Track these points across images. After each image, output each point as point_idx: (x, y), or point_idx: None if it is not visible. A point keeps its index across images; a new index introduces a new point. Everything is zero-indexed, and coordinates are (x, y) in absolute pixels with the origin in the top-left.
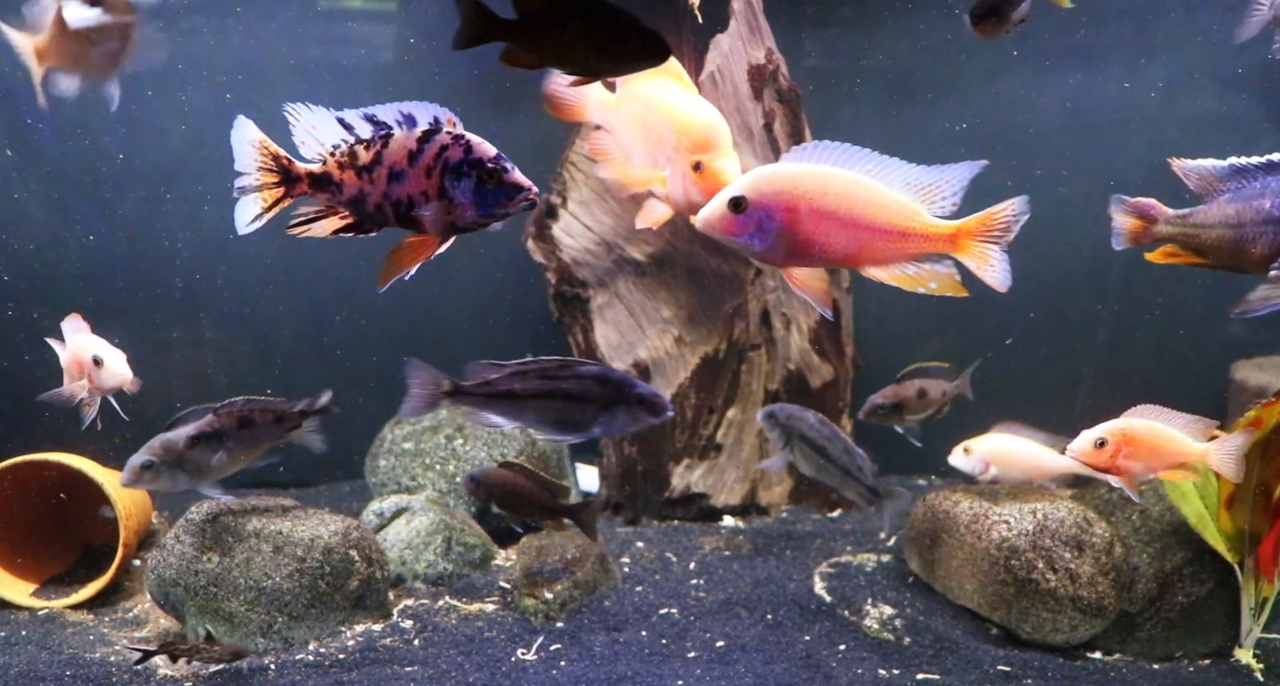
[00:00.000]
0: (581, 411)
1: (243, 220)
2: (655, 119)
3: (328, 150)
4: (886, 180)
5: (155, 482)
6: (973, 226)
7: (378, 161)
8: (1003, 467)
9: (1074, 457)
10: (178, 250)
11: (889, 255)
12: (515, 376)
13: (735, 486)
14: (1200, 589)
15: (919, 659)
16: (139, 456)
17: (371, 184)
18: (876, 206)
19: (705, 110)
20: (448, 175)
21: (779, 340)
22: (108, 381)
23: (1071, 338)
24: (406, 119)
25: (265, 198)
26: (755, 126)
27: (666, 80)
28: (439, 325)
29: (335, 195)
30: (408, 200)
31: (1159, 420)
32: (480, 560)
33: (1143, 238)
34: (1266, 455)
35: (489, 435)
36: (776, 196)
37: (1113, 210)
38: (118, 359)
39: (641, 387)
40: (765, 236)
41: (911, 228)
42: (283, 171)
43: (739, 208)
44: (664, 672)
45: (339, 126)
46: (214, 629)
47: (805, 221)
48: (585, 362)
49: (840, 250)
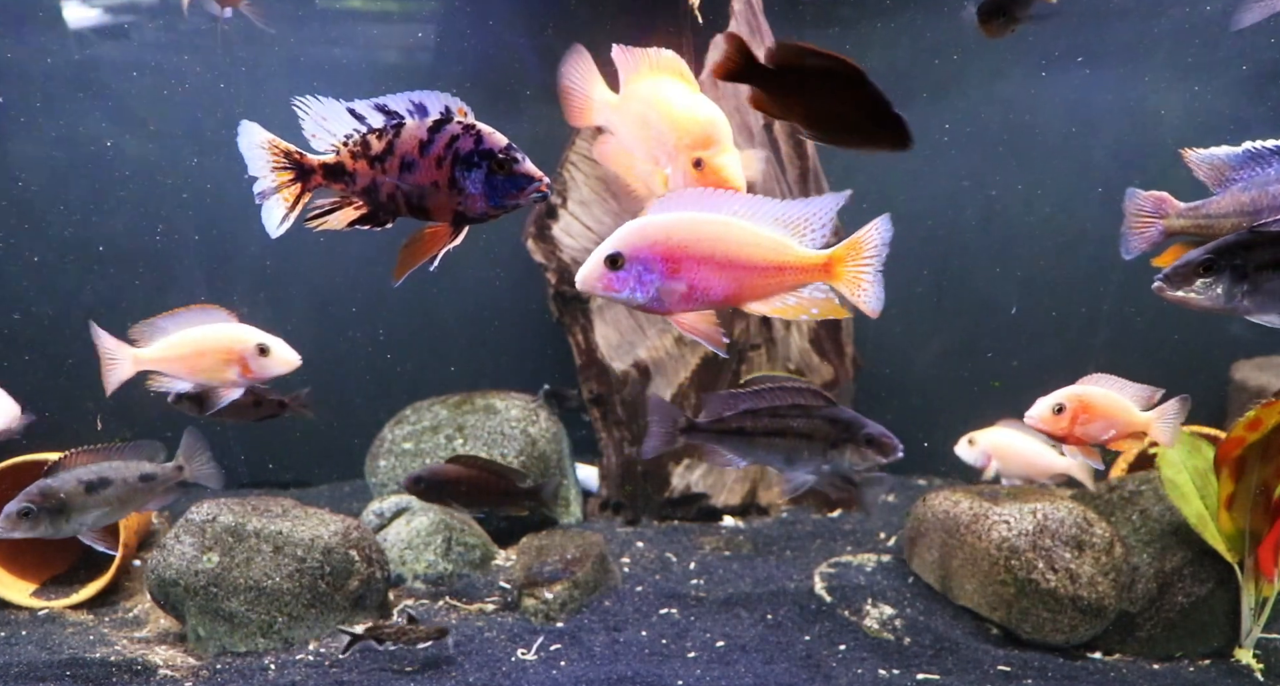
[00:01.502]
0: (810, 449)
1: (272, 223)
2: (656, 117)
3: (340, 140)
4: (757, 219)
5: (35, 530)
6: (843, 253)
7: (390, 151)
8: (1004, 461)
9: (1031, 424)
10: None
11: (769, 290)
12: (747, 414)
13: (735, 486)
14: (1200, 589)
15: (919, 659)
16: (14, 504)
17: (384, 173)
18: (750, 246)
19: (705, 107)
20: (458, 165)
21: (779, 340)
22: (275, 369)
23: (1071, 338)
24: (418, 108)
25: (286, 196)
26: (755, 126)
27: (668, 78)
28: (439, 325)
29: (349, 185)
30: (419, 190)
31: (1110, 388)
32: (480, 560)
33: (1154, 237)
34: (1266, 455)
35: (489, 435)
36: (652, 248)
37: (1128, 204)
38: (283, 346)
39: (871, 428)
40: (646, 289)
41: (787, 261)
42: (296, 166)
43: (616, 264)
44: (664, 672)
45: (350, 117)
46: (214, 628)
47: (684, 269)
48: (818, 404)
49: (722, 292)
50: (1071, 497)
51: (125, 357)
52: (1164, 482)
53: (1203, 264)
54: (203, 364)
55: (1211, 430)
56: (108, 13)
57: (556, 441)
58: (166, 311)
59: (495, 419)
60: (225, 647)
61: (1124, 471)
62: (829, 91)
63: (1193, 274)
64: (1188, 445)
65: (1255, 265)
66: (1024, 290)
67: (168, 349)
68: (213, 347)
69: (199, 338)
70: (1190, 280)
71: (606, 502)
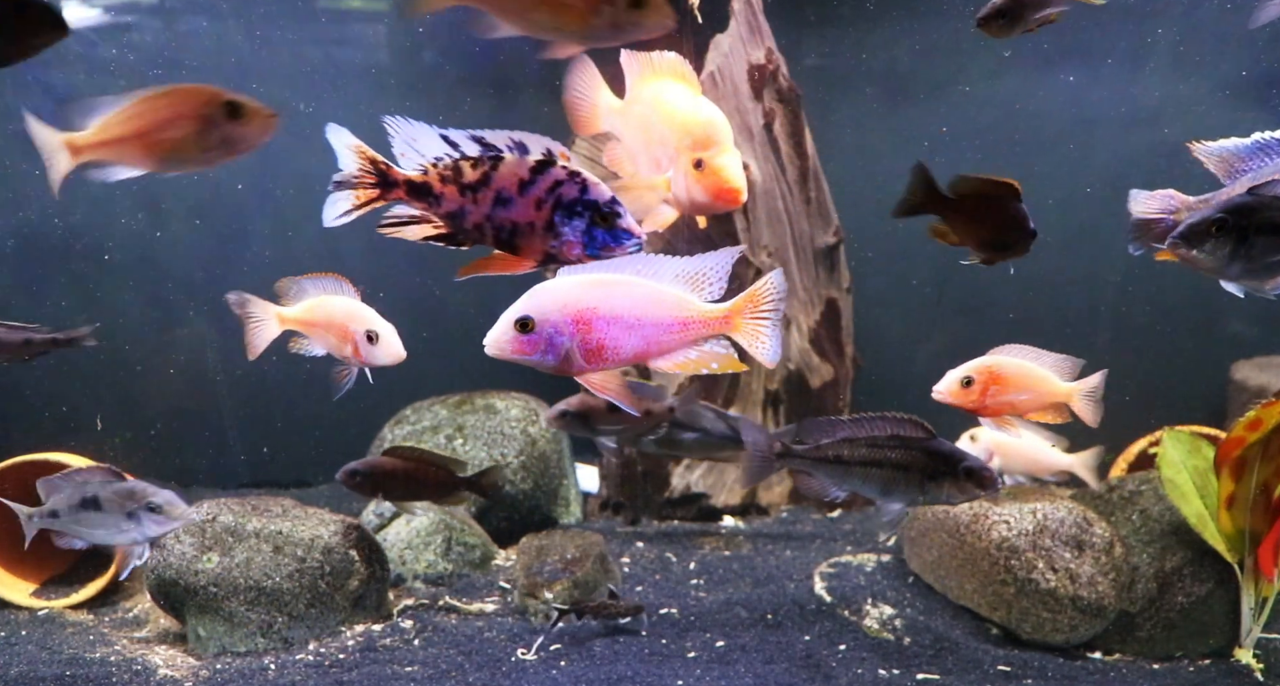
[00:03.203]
0: (906, 481)
1: (331, 214)
2: (658, 120)
3: (429, 162)
4: (658, 276)
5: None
6: (742, 306)
7: (485, 182)
8: (1006, 459)
9: (939, 398)
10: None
11: (674, 345)
12: (844, 443)
13: (735, 486)
14: (1200, 589)
15: (919, 659)
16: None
17: (475, 203)
18: (655, 303)
19: (705, 108)
20: (559, 211)
21: None
22: (379, 359)
23: (1072, 337)
24: (518, 146)
25: (358, 196)
26: (755, 126)
27: (670, 81)
28: (439, 325)
29: (432, 206)
30: (511, 226)
31: (1026, 359)
32: (480, 560)
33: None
34: (1266, 455)
35: (489, 435)
36: (561, 311)
37: (1133, 205)
38: (392, 335)
39: (971, 461)
40: (557, 351)
41: (690, 316)
42: (380, 175)
43: (526, 328)
44: (664, 673)
45: (442, 142)
46: (214, 628)
47: (593, 330)
48: (917, 434)
49: (630, 350)
50: (1071, 497)
51: (270, 317)
52: (1164, 482)
53: (1215, 223)
54: (329, 336)
55: (1211, 430)
56: (108, 12)
57: (556, 441)
58: (307, 274)
59: (495, 419)
60: (225, 647)
61: (1124, 471)
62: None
63: (1206, 233)
64: (1188, 445)
65: (1255, 227)
66: (1024, 290)
67: (306, 312)
68: (339, 322)
69: (332, 308)
70: (1204, 239)
71: (606, 502)
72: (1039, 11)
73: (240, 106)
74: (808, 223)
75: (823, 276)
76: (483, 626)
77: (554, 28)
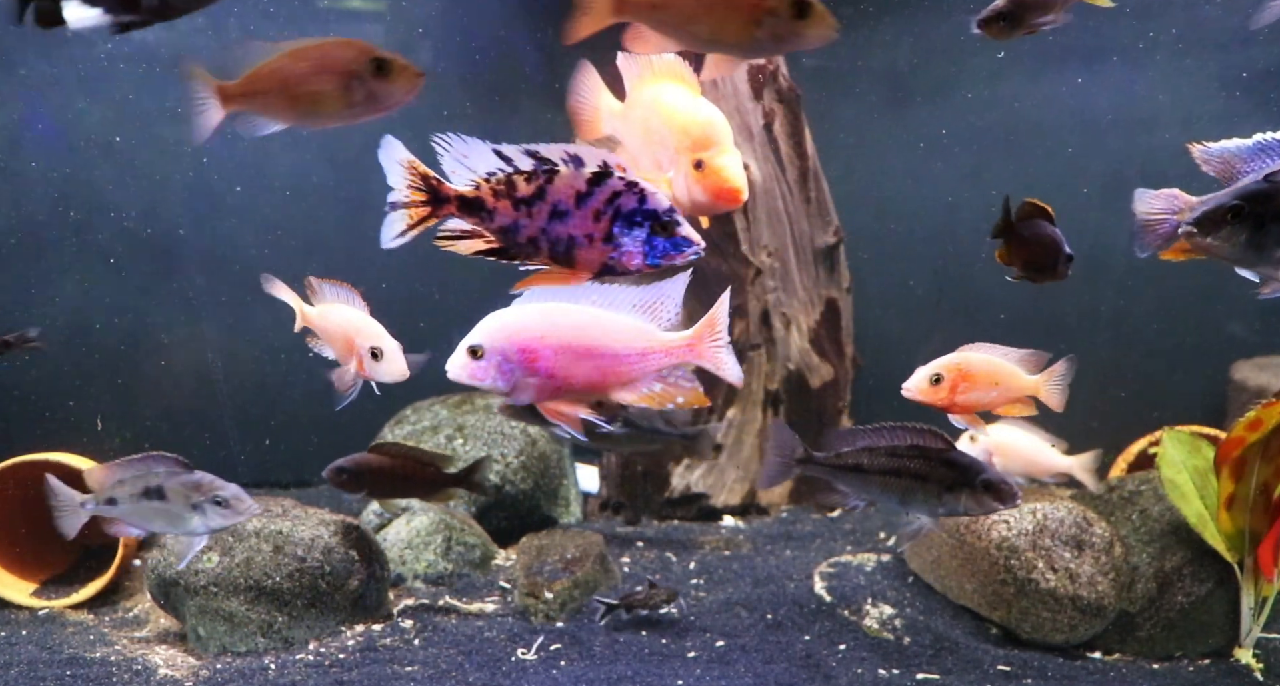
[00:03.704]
0: (925, 491)
1: (388, 235)
2: (658, 121)
3: (481, 177)
4: (614, 306)
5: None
6: (703, 331)
7: (540, 196)
8: (1005, 459)
9: (908, 395)
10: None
11: (634, 375)
12: (864, 451)
13: (735, 486)
14: (1200, 589)
15: (919, 659)
16: None
17: (529, 217)
18: (609, 333)
19: (704, 108)
20: (619, 222)
21: (779, 340)
22: (381, 375)
23: (1071, 337)
24: (573, 159)
25: (411, 215)
26: (755, 126)
27: (670, 83)
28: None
29: (485, 221)
30: (569, 239)
31: (992, 354)
32: (480, 560)
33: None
34: (1266, 455)
35: (489, 435)
36: (510, 340)
37: (1138, 204)
38: (397, 353)
39: (990, 473)
40: (507, 379)
41: (649, 346)
42: (431, 191)
43: (476, 355)
44: (664, 672)
45: (495, 157)
46: (214, 628)
47: (543, 359)
48: (938, 445)
49: (585, 379)
50: (1071, 497)
51: (297, 310)
52: (1164, 482)
53: (1231, 210)
54: (337, 344)
55: (1211, 430)
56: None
57: (557, 441)
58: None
59: (495, 418)
60: (225, 647)
61: (1124, 471)
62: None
63: (1221, 220)
64: (1188, 445)
65: (1272, 214)
66: (1024, 289)
67: (321, 317)
68: (345, 333)
69: (342, 318)
70: (1219, 226)
71: (606, 502)
72: (1040, 14)
73: (387, 63)
74: (808, 223)
75: (823, 276)
76: (483, 626)
77: (714, 40)
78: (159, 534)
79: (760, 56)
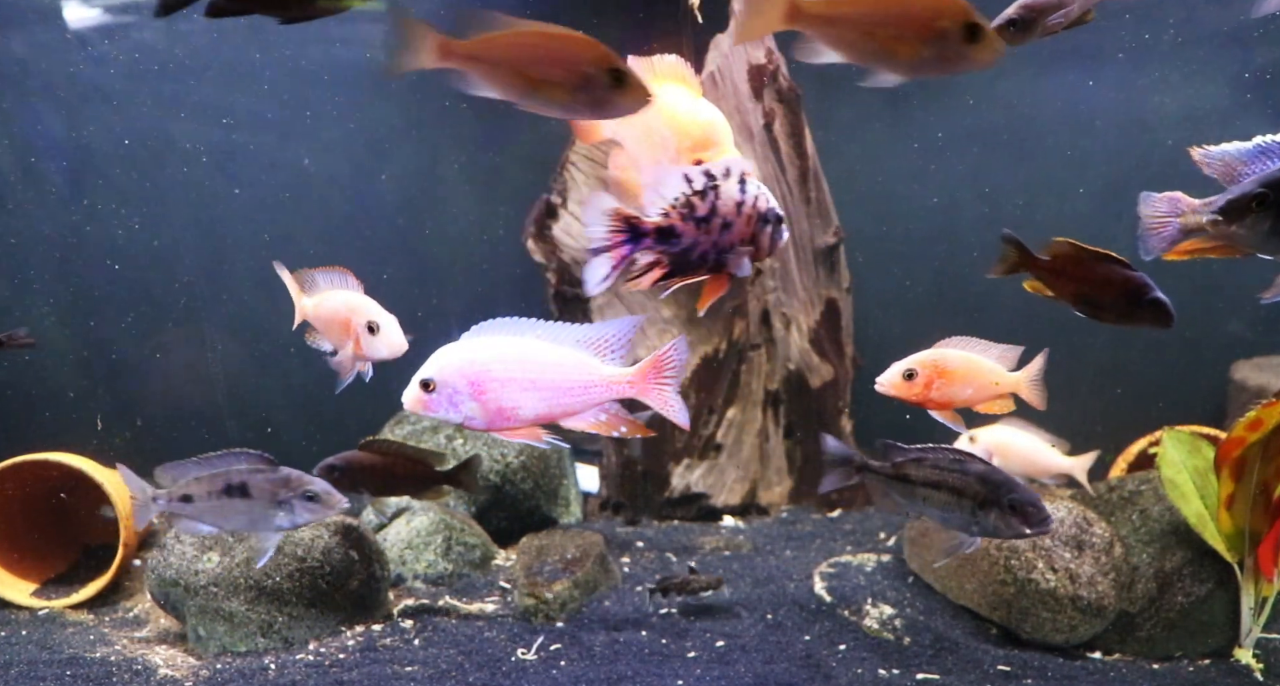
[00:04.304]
0: (960, 506)
1: (594, 280)
2: (658, 123)
3: (669, 204)
4: (559, 341)
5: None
6: (647, 370)
7: (713, 212)
8: (1005, 460)
9: (882, 390)
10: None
11: (579, 407)
12: (913, 462)
13: (735, 486)
14: (1200, 589)
15: (919, 659)
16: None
17: (707, 233)
18: (555, 366)
19: (705, 110)
20: (758, 222)
21: (779, 340)
22: (379, 352)
23: (1072, 337)
24: (725, 172)
25: (613, 257)
26: (755, 126)
27: (670, 84)
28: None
29: (673, 246)
30: (729, 247)
31: (970, 350)
32: (480, 560)
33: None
34: (1266, 455)
35: (488, 435)
36: (459, 373)
37: (1143, 207)
38: (393, 326)
39: (1021, 494)
40: (458, 409)
41: (592, 380)
42: (630, 229)
43: (429, 388)
44: (664, 672)
45: (681, 180)
46: (214, 628)
47: (491, 391)
48: (979, 464)
49: (533, 410)
50: (1071, 497)
51: (298, 303)
52: (1164, 482)
53: (1256, 197)
54: (333, 329)
55: (1211, 430)
56: (107, 12)
57: None
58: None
59: None
60: (225, 647)
61: (1124, 471)
62: (1097, 281)
63: (1246, 208)
64: (1188, 445)
65: None
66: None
67: (317, 306)
68: (341, 315)
69: (336, 301)
70: (1244, 214)
71: (606, 502)
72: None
73: (624, 76)
74: (808, 223)
75: (823, 276)
76: (483, 626)
77: (882, 57)
78: (238, 532)
79: (923, 76)
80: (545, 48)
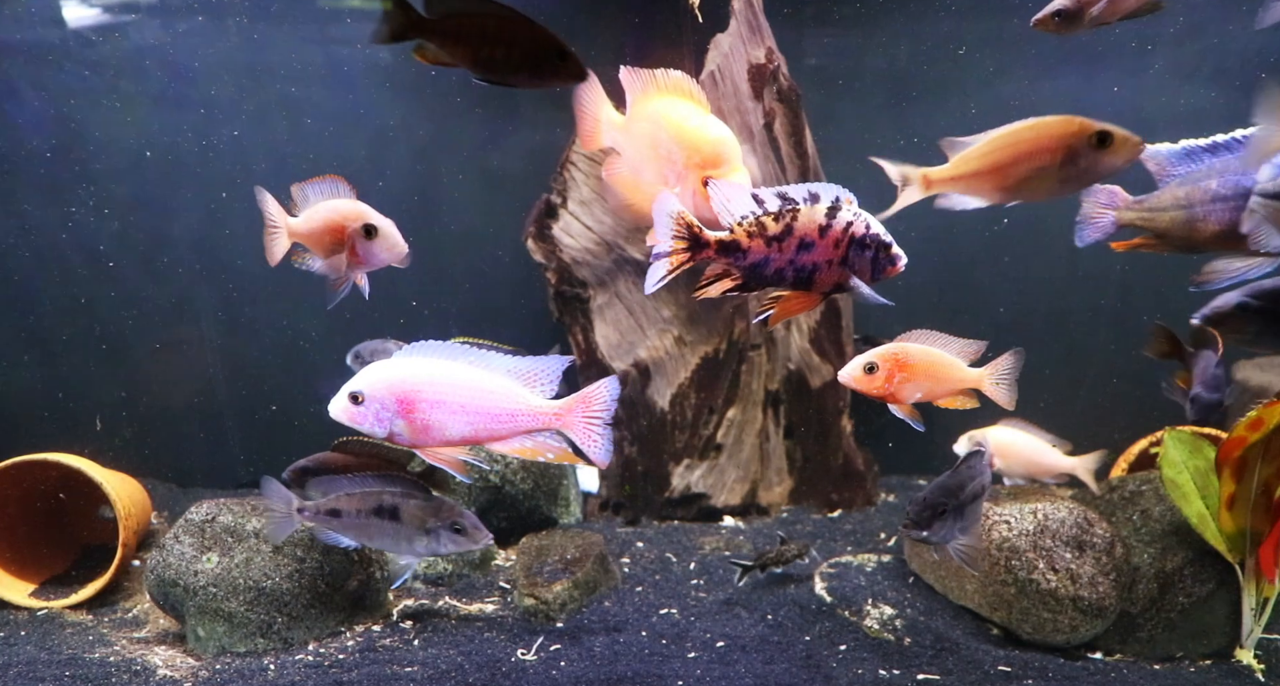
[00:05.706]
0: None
1: (652, 280)
2: (664, 137)
3: (736, 221)
4: (489, 368)
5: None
6: (573, 405)
7: (788, 232)
8: (1006, 460)
9: (844, 383)
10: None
11: (504, 432)
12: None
13: (735, 486)
14: (1201, 589)
15: (919, 659)
16: None
17: (779, 252)
18: (482, 392)
19: (715, 127)
20: (853, 247)
21: (779, 340)
22: (380, 255)
23: (1072, 337)
24: (812, 196)
25: (673, 261)
26: (755, 126)
27: (677, 99)
28: (439, 325)
29: (738, 260)
30: (812, 266)
31: (934, 344)
32: (480, 560)
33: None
34: (1268, 455)
35: None
36: (389, 389)
37: (1084, 196)
38: (391, 229)
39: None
40: (384, 424)
41: (518, 409)
42: (693, 238)
43: (357, 401)
44: (664, 673)
45: (752, 200)
46: (213, 629)
47: (418, 410)
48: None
49: (459, 431)
50: (1072, 498)
51: (283, 227)
52: (1165, 483)
53: (1239, 305)
54: (325, 241)
55: (1213, 430)
56: (107, 12)
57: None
58: (315, 178)
59: None
60: (225, 648)
61: (1125, 471)
62: (491, 32)
63: (1230, 315)
64: (1189, 445)
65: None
66: (1024, 290)
67: (307, 220)
68: (335, 223)
69: (326, 211)
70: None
71: (606, 502)
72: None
73: (1110, 136)
74: None
75: None
76: (482, 626)
77: (1025, 194)
78: (383, 550)
79: (1072, 193)
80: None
